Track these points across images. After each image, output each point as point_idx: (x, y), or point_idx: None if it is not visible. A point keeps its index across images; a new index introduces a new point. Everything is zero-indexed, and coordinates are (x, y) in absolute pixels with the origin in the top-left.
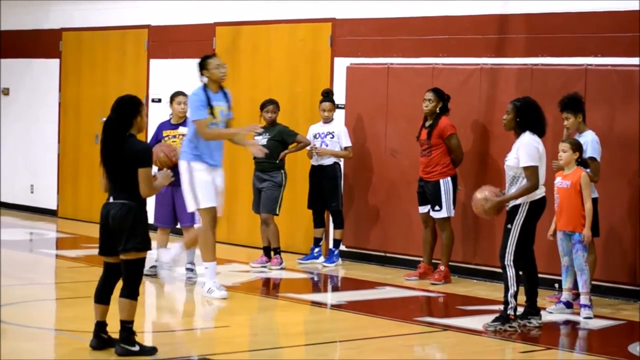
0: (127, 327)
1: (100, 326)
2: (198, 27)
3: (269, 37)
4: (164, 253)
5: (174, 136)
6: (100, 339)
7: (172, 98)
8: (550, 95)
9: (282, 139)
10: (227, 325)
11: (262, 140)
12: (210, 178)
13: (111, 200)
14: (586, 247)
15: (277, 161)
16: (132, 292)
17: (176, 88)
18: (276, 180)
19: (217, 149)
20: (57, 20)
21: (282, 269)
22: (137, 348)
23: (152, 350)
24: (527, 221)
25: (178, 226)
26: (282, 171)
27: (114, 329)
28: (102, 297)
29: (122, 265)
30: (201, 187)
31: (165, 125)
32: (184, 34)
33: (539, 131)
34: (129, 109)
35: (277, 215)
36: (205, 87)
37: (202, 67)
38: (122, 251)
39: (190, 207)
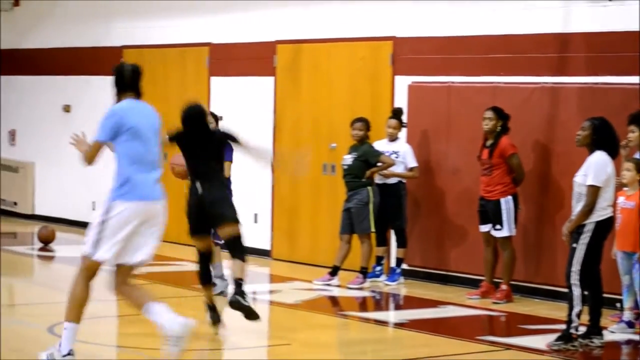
0: (240, 284)
1: (214, 306)
2: (259, 45)
3: (329, 55)
4: None
5: None
6: (216, 313)
7: None
8: (611, 114)
9: (366, 159)
10: (288, 343)
11: (349, 159)
12: None
13: (198, 184)
14: None
15: (363, 180)
16: (242, 257)
17: (237, 106)
18: (361, 198)
19: None
20: (118, 38)
21: (360, 288)
22: (247, 304)
23: (257, 315)
24: (592, 241)
25: None
26: (369, 188)
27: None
28: (209, 280)
29: (226, 242)
30: None
31: None
32: (245, 51)
33: (613, 152)
34: (201, 119)
35: (373, 232)
36: None
37: None
38: (222, 223)
39: None
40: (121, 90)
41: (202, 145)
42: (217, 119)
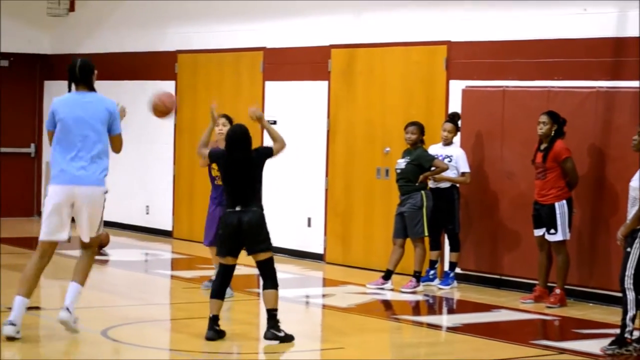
0: (274, 315)
1: (215, 319)
2: (313, 50)
3: (384, 59)
4: None
5: None
6: (215, 331)
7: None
8: None
9: (419, 163)
10: (341, 346)
11: (402, 163)
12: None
13: (239, 208)
14: None
15: (417, 184)
16: (274, 284)
17: (291, 110)
18: (415, 202)
19: None
20: (173, 43)
21: (413, 292)
22: (282, 334)
23: (292, 337)
24: None
25: None
26: (422, 192)
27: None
28: (220, 293)
29: (258, 264)
30: None
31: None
32: (300, 56)
33: None
34: (249, 138)
35: (426, 236)
36: None
37: None
38: (258, 251)
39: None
40: (74, 83)
41: (242, 168)
42: (231, 121)
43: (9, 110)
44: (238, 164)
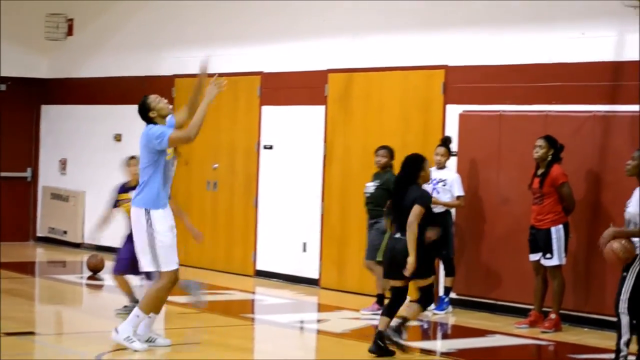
0: (403, 323)
1: (381, 335)
2: (311, 74)
3: (381, 84)
4: None
5: (128, 200)
6: (378, 346)
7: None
8: None
9: (389, 187)
10: None
11: (371, 187)
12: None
13: (398, 235)
14: None
15: (385, 209)
16: (422, 304)
17: (288, 134)
18: (379, 227)
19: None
20: (170, 67)
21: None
22: (400, 339)
23: (405, 347)
24: None
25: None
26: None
27: None
28: (389, 313)
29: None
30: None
31: (121, 188)
32: (297, 80)
33: None
34: (414, 165)
35: (380, 260)
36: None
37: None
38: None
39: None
40: None
41: (397, 194)
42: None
43: (5, 134)
44: (396, 188)
